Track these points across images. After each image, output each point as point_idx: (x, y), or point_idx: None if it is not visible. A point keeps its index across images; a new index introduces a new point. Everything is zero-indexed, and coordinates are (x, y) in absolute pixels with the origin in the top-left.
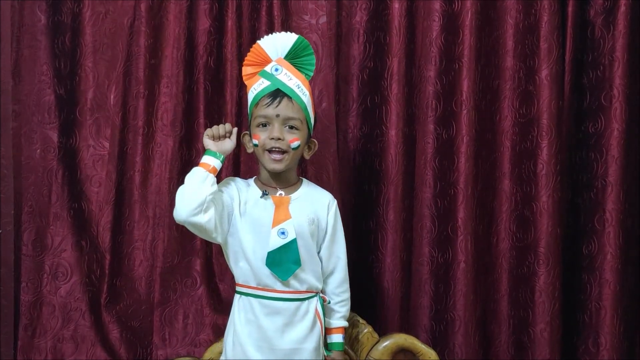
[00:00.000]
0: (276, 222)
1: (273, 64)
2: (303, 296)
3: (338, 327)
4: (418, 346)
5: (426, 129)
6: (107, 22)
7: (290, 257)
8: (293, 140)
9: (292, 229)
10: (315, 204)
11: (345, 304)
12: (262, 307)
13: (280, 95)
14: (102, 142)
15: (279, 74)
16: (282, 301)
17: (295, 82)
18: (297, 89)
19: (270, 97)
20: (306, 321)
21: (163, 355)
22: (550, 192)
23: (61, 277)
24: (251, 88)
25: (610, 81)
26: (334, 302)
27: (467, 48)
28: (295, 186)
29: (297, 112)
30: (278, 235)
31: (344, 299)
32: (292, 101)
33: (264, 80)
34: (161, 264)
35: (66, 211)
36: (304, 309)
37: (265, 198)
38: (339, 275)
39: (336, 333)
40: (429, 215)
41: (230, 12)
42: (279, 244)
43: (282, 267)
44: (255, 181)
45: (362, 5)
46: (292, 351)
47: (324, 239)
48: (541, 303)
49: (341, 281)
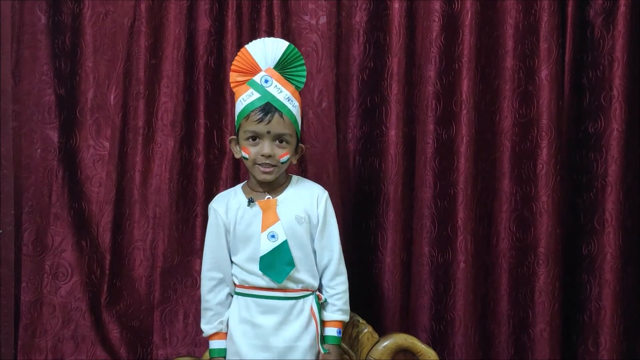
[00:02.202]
0: (265, 227)
1: (263, 75)
2: (298, 294)
3: (333, 321)
4: (418, 346)
5: (426, 129)
6: (108, 22)
7: (283, 259)
8: (283, 156)
9: (281, 230)
10: (303, 200)
11: (341, 297)
12: (257, 306)
13: (272, 111)
14: (102, 142)
15: (269, 87)
16: (278, 300)
17: (285, 94)
18: (288, 102)
19: (261, 113)
20: (301, 319)
21: (163, 355)
22: (550, 192)
23: (61, 277)
24: (240, 98)
25: (609, 81)
26: (329, 295)
27: (467, 48)
28: (283, 187)
29: (288, 126)
30: (268, 239)
31: (339, 291)
32: (282, 116)
33: (254, 91)
34: (161, 264)
35: (66, 211)
36: (299, 307)
37: (252, 206)
38: (332, 268)
39: (331, 326)
40: (429, 215)
41: (231, 13)
42: (270, 247)
43: (275, 270)
44: (243, 187)
45: (362, 6)
46: (287, 349)
47: (316, 232)
48: (541, 303)
49: (335, 274)
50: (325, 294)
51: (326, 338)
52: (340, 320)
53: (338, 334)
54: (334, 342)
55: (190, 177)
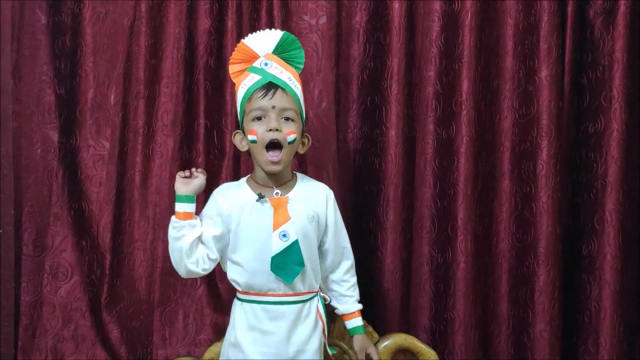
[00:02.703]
0: (277, 225)
1: (262, 59)
2: (305, 297)
3: (355, 312)
4: (418, 346)
5: (426, 129)
6: (108, 22)
7: (293, 259)
8: (290, 133)
9: (293, 230)
10: (313, 199)
11: (355, 288)
12: (265, 313)
13: (274, 87)
14: (102, 142)
15: (269, 68)
16: (286, 304)
17: (286, 75)
18: (290, 82)
19: (263, 90)
20: (308, 322)
21: (163, 355)
22: (550, 192)
23: (61, 277)
24: (241, 84)
25: (609, 82)
26: (345, 288)
27: (467, 48)
28: (291, 183)
29: (292, 103)
30: (280, 238)
31: (353, 283)
32: (286, 93)
33: (254, 75)
34: (161, 264)
35: (66, 211)
36: (306, 310)
37: (262, 202)
38: (347, 262)
39: (354, 317)
40: (429, 216)
41: (231, 12)
42: (282, 247)
43: (286, 270)
44: (248, 181)
45: (362, 6)
46: (296, 353)
47: (326, 232)
48: (541, 303)
49: (349, 267)
50: (340, 287)
51: (353, 329)
52: (360, 310)
53: (362, 322)
54: (362, 332)
55: None
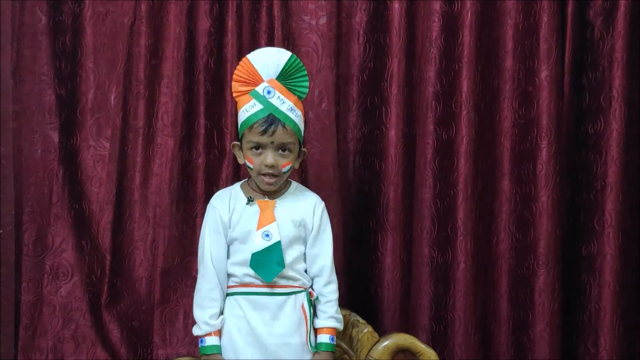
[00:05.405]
0: (261, 225)
1: (265, 86)
2: (288, 290)
3: (326, 327)
4: (418, 346)
5: (426, 130)
6: (108, 23)
7: (274, 259)
8: (285, 165)
9: (276, 231)
10: (300, 206)
11: (333, 305)
12: (248, 302)
13: (275, 122)
14: (102, 143)
15: (272, 98)
16: (268, 296)
17: (288, 105)
18: (290, 112)
19: (264, 125)
20: (293, 316)
21: (163, 355)
22: (549, 192)
23: (62, 277)
24: (242, 108)
25: (609, 82)
26: (322, 302)
27: (467, 48)
28: (282, 191)
29: (291, 136)
30: (262, 237)
31: (331, 299)
32: (285, 127)
33: (256, 102)
34: (161, 264)
35: (67, 211)
36: (290, 303)
37: (251, 204)
38: (325, 276)
39: (324, 333)
40: (429, 216)
41: (231, 13)
42: (263, 245)
43: (264, 268)
44: (242, 186)
45: (362, 6)
46: (280, 346)
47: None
48: (541, 303)
49: (327, 281)
50: (320, 298)
51: (319, 345)
52: (333, 327)
53: (331, 340)
54: (327, 349)
55: (190, 177)
